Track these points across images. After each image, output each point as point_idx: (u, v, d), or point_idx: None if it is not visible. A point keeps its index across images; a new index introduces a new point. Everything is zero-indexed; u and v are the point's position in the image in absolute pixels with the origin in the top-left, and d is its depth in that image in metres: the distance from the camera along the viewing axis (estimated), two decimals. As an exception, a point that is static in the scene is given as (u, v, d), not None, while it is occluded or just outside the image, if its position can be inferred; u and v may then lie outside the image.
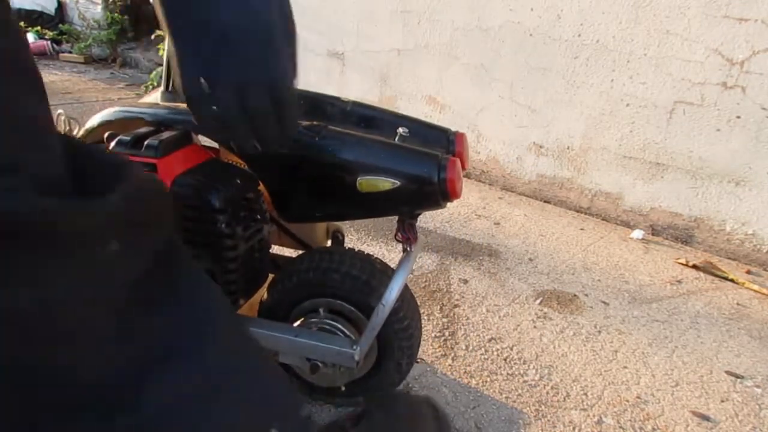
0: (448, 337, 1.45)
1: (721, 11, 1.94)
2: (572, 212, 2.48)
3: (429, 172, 0.79)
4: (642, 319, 1.64)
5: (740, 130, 1.99)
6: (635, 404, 1.27)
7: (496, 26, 2.49)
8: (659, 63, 2.11)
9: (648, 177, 2.26)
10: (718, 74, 1.99)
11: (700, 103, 2.06)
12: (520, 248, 2.05)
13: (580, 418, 1.21)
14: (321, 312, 0.99)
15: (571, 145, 2.43)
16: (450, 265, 1.85)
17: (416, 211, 0.90)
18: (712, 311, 1.73)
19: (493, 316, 1.57)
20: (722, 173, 2.08)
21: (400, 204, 0.85)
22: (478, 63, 2.60)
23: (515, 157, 2.63)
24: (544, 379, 1.33)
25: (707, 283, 1.92)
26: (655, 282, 1.89)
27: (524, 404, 1.24)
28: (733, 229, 2.10)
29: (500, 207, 2.46)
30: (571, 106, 2.38)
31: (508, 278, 1.81)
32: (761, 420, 1.26)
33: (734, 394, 1.34)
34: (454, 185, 0.79)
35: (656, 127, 2.18)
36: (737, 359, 1.49)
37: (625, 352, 1.47)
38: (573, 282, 1.83)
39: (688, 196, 2.18)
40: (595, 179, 2.40)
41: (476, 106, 2.69)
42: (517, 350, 1.43)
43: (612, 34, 2.19)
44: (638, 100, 2.20)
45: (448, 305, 1.60)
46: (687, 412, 1.26)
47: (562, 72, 2.36)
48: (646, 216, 2.30)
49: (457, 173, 0.80)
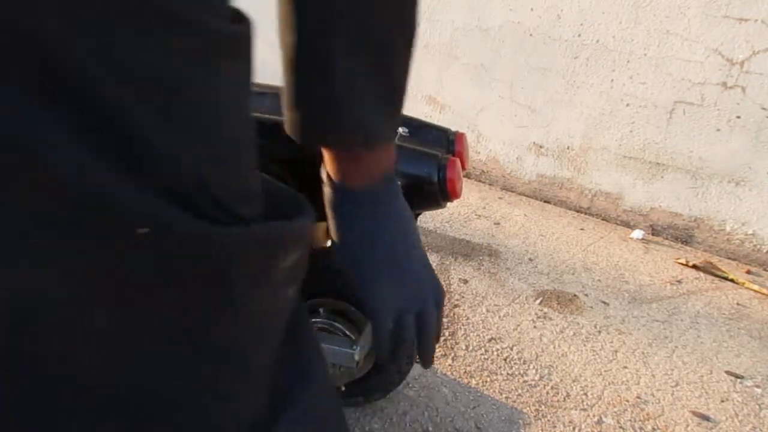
0: (448, 337, 1.45)
1: (721, 11, 1.94)
2: (572, 212, 2.48)
3: (429, 172, 0.79)
4: (642, 319, 1.64)
5: (740, 130, 1.99)
6: (635, 404, 1.27)
7: (496, 26, 2.49)
8: (659, 63, 2.11)
9: (648, 177, 2.26)
10: (718, 74, 1.99)
11: (700, 103, 2.06)
12: (520, 248, 2.05)
13: (580, 418, 1.21)
14: (321, 312, 0.99)
15: (571, 145, 2.43)
16: (450, 265, 1.85)
17: (416, 211, 0.90)
18: (712, 311, 1.73)
19: (493, 316, 1.57)
20: (722, 173, 2.08)
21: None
22: (478, 63, 2.60)
23: (515, 157, 2.63)
24: (544, 379, 1.33)
25: (707, 283, 1.92)
26: (655, 282, 1.89)
27: (524, 404, 1.24)
28: (733, 229, 2.10)
29: (500, 207, 2.46)
30: (571, 106, 2.38)
31: (508, 278, 1.81)
32: (761, 420, 1.26)
33: (734, 394, 1.34)
34: (454, 185, 0.80)
35: (656, 127, 2.18)
36: (737, 359, 1.49)
37: (625, 352, 1.47)
38: (573, 282, 1.83)
39: (688, 196, 2.18)
40: (595, 179, 2.40)
41: (476, 106, 2.69)
42: (517, 350, 1.43)
43: (612, 34, 2.19)
44: (638, 100, 2.20)
45: (448, 305, 1.60)
46: (687, 412, 1.26)
47: (562, 72, 2.36)
48: (646, 216, 2.30)
49: (457, 173, 0.80)
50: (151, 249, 0.27)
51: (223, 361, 0.33)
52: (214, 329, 0.32)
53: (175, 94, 0.27)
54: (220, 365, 0.33)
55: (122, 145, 0.25)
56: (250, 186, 0.34)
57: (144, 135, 0.26)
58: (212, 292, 0.30)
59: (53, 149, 0.23)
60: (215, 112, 0.30)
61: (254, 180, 0.35)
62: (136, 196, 0.25)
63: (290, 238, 0.35)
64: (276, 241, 0.34)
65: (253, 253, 0.31)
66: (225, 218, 0.30)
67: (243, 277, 0.31)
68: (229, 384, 0.34)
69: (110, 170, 0.25)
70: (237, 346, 0.33)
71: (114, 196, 0.25)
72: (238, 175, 0.33)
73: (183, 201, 0.27)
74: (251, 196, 0.34)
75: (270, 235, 0.33)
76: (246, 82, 0.34)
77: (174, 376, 0.31)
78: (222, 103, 0.30)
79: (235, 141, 0.32)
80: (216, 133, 0.30)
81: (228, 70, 0.30)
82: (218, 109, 0.30)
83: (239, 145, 0.33)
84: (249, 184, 0.34)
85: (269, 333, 0.37)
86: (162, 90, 0.26)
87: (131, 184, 0.25)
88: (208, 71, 0.29)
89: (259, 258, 0.32)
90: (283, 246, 0.34)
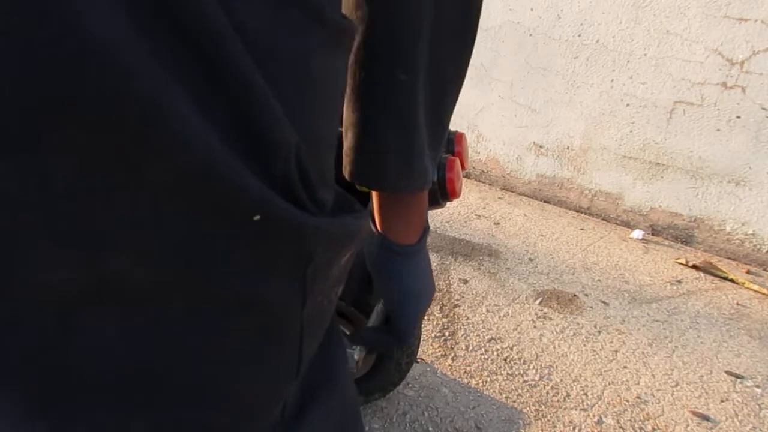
0: (448, 337, 1.45)
1: (721, 11, 1.94)
2: (572, 212, 2.48)
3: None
4: (642, 319, 1.64)
5: (740, 130, 1.99)
6: (635, 404, 1.27)
7: (496, 26, 2.49)
8: (659, 63, 2.11)
9: (648, 177, 2.26)
10: (718, 74, 1.99)
11: (700, 103, 2.06)
12: (520, 248, 2.05)
13: (580, 418, 1.21)
14: None
15: (571, 145, 2.43)
16: (450, 265, 1.84)
17: None
18: (712, 311, 1.73)
19: (493, 316, 1.57)
20: (722, 173, 2.08)
21: None
22: (478, 63, 2.60)
23: (515, 157, 2.63)
24: (544, 379, 1.33)
25: (707, 283, 1.92)
26: (655, 282, 1.89)
27: (524, 404, 1.24)
28: (733, 229, 2.10)
29: (500, 207, 2.46)
30: (571, 106, 2.38)
31: (508, 278, 1.81)
32: (761, 420, 1.26)
33: (734, 394, 1.34)
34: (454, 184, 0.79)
35: (656, 127, 2.18)
36: (737, 359, 1.49)
37: (625, 352, 1.47)
38: (573, 282, 1.83)
39: (688, 196, 2.18)
40: (595, 179, 2.40)
41: (476, 106, 2.69)
42: (517, 350, 1.43)
43: (612, 34, 2.19)
44: (638, 100, 2.20)
45: (448, 305, 1.60)
46: (687, 412, 1.26)
47: (562, 72, 2.36)
48: (646, 216, 2.30)
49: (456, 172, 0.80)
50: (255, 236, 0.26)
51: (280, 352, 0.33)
52: (286, 320, 0.31)
53: (300, 78, 0.27)
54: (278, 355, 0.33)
55: (245, 125, 0.24)
56: (331, 170, 0.35)
57: (266, 115, 0.25)
58: (290, 281, 0.30)
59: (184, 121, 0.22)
60: (330, 94, 0.31)
61: (332, 165, 0.35)
62: (255, 182, 0.24)
63: (357, 234, 0.35)
64: (348, 235, 0.34)
65: (330, 246, 0.31)
66: (311, 206, 0.29)
67: (317, 271, 0.31)
68: (277, 374, 0.34)
69: (237, 154, 0.24)
70: (295, 338, 0.33)
71: (238, 179, 0.24)
72: (327, 158, 0.33)
73: (288, 188, 0.27)
74: (330, 181, 0.34)
75: (345, 228, 0.33)
76: (345, 73, 0.35)
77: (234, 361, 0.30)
78: (335, 88, 0.32)
79: (332, 127, 0.33)
80: (323, 117, 0.31)
81: (340, 58, 0.32)
82: (334, 93, 0.31)
83: (334, 130, 0.34)
84: (331, 167, 0.35)
85: (321, 328, 0.38)
86: (290, 73, 0.27)
87: (254, 169, 0.25)
88: (329, 57, 0.29)
89: (333, 250, 0.32)
90: (351, 241, 0.34)
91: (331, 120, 0.32)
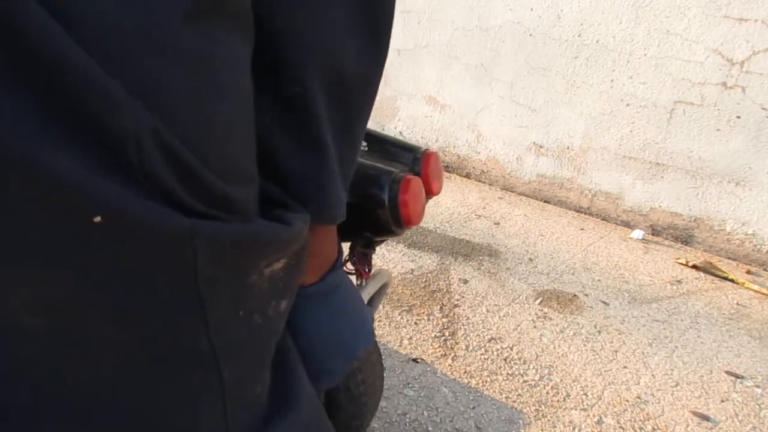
0: (448, 337, 1.45)
1: (721, 11, 1.94)
2: (572, 212, 2.48)
3: (377, 192, 0.66)
4: (642, 319, 1.64)
5: (740, 130, 1.99)
6: (635, 404, 1.27)
7: (496, 26, 2.49)
8: (659, 63, 2.11)
9: (648, 177, 2.26)
10: (718, 74, 1.99)
11: (700, 103, 2.06)
12: (520, 248, 2.05)
13: (580, 418, 1.21)
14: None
15: (571, 145, 2.43)
16: (450, 265, 1.84)
17: (366, 236, 0.77)
18: (712, 311, 1.73)
19: (493, 316, 1.57)
20: (722, 173, 2.08)
21: (346, 227, 0.65)
22: (478, 63, 2.60)
23: (515, 157, 2.63)
24: (544, 379, 1.33)
25: (707, 283, 1.92)
26: (655, 282, 1.89)
27: (524, 404, 1.23)
28: (733, 229, 2.10)
29: (500, 207, 2.46)
30: (571, 106, 2.38)
31: (508, 278, 1.81)
32: (761, 420, 1.26)
33: (734, 394, 1.34)
34: (409, 209, 0.67)
35: (656, 127, 2.18)
36: (737, 359, 1.49)
37: (625, 352, 1.47)
38: (573, 282, 1.83)
39: (688, 196, 2.18)
40: (595, 179, 2.40)
41: (476, 106, 2.69)
42: (517, 350, 1.43)
43: (612, 34, 2.19)
44: (638, 100, 2.20)
45: (448, 305, 1.60)
46: (687, 412, 1.26)
47: (562, 72, 2.36)
48: (646, 216, 2.30)
49: (413, 194, 0.67)
50: (122, 244, 0.24)
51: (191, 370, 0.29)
52: (184, 338, 0.28)
53: (160, 50, 0.24)
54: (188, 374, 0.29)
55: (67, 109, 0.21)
56: (247, 159, 0.31)
57: (94, 97, 0.21)
58: (179, 292, 0.27)
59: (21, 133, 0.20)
60: (214, 67, 0.27)
61: (249, 154, 0.32)
62: (89, 177, 0.22)
63: (283, 241, 0.32)
64: (268, 243, 0.31)
65: (222, 253, 0.28)
66: (197, 203, 0.26)
67: (216, 281, 0.28)
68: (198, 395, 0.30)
69: (61, 144, 0.21)
70: (205, 359, 0.29)
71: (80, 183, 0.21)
72: (234, 144, 0.30)
73: (154, 181, 0.24)
74: (245, 173, 0.31)
75: (258, 233, 0.30)
76: (245, 55, 0.30)
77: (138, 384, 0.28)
78: (222, 60, 0.27)
79: (230, 106, 0.29)
80: (210, 94, 0.27)
81: (219, 27, 0.27)
82: (220, 66, 0.27)
83: (234, 110, 0.30)
84: (247, 156, 0.31)
85: (257, 348, 0.34)
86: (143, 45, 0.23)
87: (90, 162, 0.22)
88: (202, 25, 0.26)
89: (237, 258, 0.29)
90: (274, 248, 0.31)
91: (226, 98, 0.28)
